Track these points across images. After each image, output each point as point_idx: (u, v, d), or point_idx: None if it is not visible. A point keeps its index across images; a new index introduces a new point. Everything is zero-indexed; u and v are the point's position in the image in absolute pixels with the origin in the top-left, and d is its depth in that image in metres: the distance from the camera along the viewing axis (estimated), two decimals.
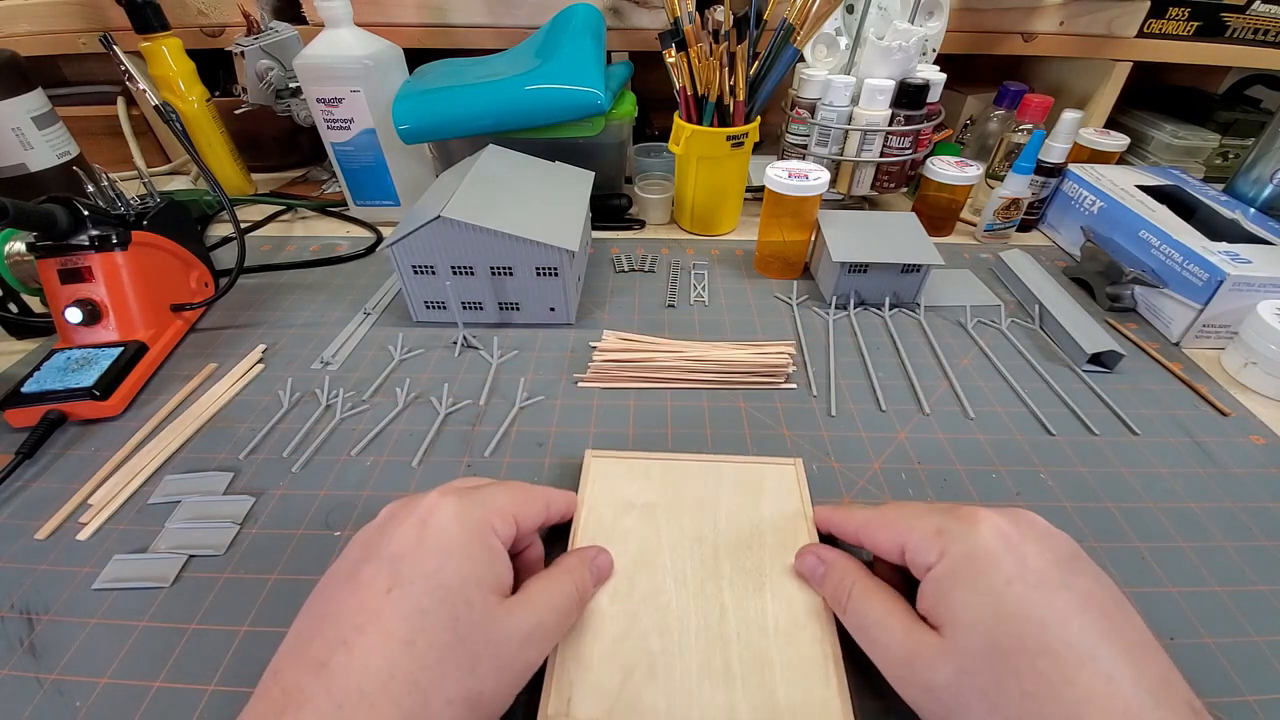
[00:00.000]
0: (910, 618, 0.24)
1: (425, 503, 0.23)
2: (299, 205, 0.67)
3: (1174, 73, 0.79)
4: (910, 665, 0.23)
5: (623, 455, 0.36)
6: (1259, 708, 0.26)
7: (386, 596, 0.21)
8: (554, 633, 0.25)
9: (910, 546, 0.25)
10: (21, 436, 0.37)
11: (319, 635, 0.20)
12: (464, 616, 0.21)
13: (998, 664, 0.20)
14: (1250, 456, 0.39)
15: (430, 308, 0.48)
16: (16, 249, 0.43)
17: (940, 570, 0.23)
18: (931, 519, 0.25)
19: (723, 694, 0.25)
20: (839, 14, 0.62)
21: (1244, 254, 0.47)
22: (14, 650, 0.28)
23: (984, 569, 0.22)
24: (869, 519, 0.28)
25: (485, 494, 0.25)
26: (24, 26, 0.67)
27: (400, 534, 0.22)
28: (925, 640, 0.22)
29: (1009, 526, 0.23)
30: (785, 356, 0.43)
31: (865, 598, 0.25)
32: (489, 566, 0.23)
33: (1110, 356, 0.45)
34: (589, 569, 0.28)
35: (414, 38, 0.67)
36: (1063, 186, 0.63)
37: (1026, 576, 0.22)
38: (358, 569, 0.22)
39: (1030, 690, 0.19)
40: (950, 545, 0.23)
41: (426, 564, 0.22)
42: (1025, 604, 0.21)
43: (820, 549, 0.29)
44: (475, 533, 0.23)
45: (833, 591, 0.27)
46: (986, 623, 0.21)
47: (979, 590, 0.22)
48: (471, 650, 0.21)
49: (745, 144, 0.57)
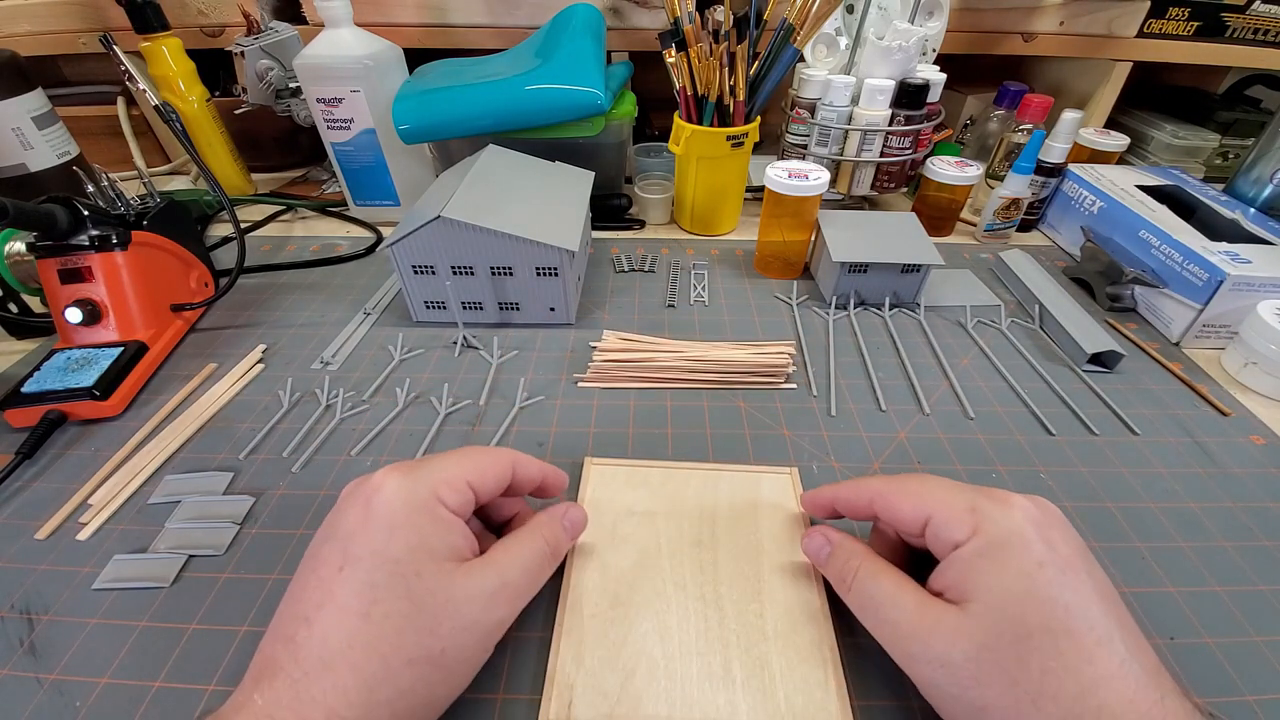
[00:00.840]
0: (922, 594, 0.24)
1: (372, 482, 0.24)
2: (299, 205, 0.67)
3: (1174, 73, 0.79)
4: (925, 641, 0.23)
5: (622, 463, 0.36)
6: (1259, 708, 0.26)
7: (339, 574, 0.22)
8: (522, 589, 0.25)
9: (938, 520, 0.24)
10: (21, 436, 0.37)
11: (288, 612, 0.22)
12: (415, 586, 0.22)
13: (1022, 641, 0.21)
14: (1250, 456, 0.39)
15: (430, 308, 0.48)
16: (16, 249, 0.43)
17: (971, 548, 0.23)
18: (962, 496, 0.25)
19: (723, 696, 0.25)
20: (839, 14, 0.62)
21: (1244, 254, 0.47)
22: (14, 650, 0.28)
23: (1017, 550, 0.22)
24: (886, 489, 0.27)
25: (432, 465, 0.25)
26: (24, 26, 0.67)
27: (351, 514, 0.24)
28: (943, 616, 0.22)
29: (1038, 513, 0.24)
30: (785, 356, 0.43)
31: (873, 575, 0.25)
32: (439, 537, 0.24)
33: (1110, 356, 0.45)
34: (560, 524, 0.28)
35: (414, 38, 0.67)
36: (1063, 186, 0.63)
37: (1056, 561, 0.22)
38: (318, 549, 0.24)
39: (1051, 667, 0.20)
40: (984, 524, 0.23)
41: (374, 541, 0.23)
42: (1054, 587, 0.22)
43: (826, 530, 0.29)
44: (421, 507, 0.24)
45: (839, 570, 0.27)
46: (1016, 601, 0.21)
47: (1010, 570, 0.22)
48: (429, 614, 0.22)
49: (745, 144, 0.57)
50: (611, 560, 0.30)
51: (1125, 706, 0.19)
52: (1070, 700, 0.20)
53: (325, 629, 0.21)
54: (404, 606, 0.22)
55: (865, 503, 0.28)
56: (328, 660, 0.21)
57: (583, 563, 0.30)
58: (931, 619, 0.23)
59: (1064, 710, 0.20)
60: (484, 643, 0.24)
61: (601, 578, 0.30)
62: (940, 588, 0.24)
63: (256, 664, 0.22)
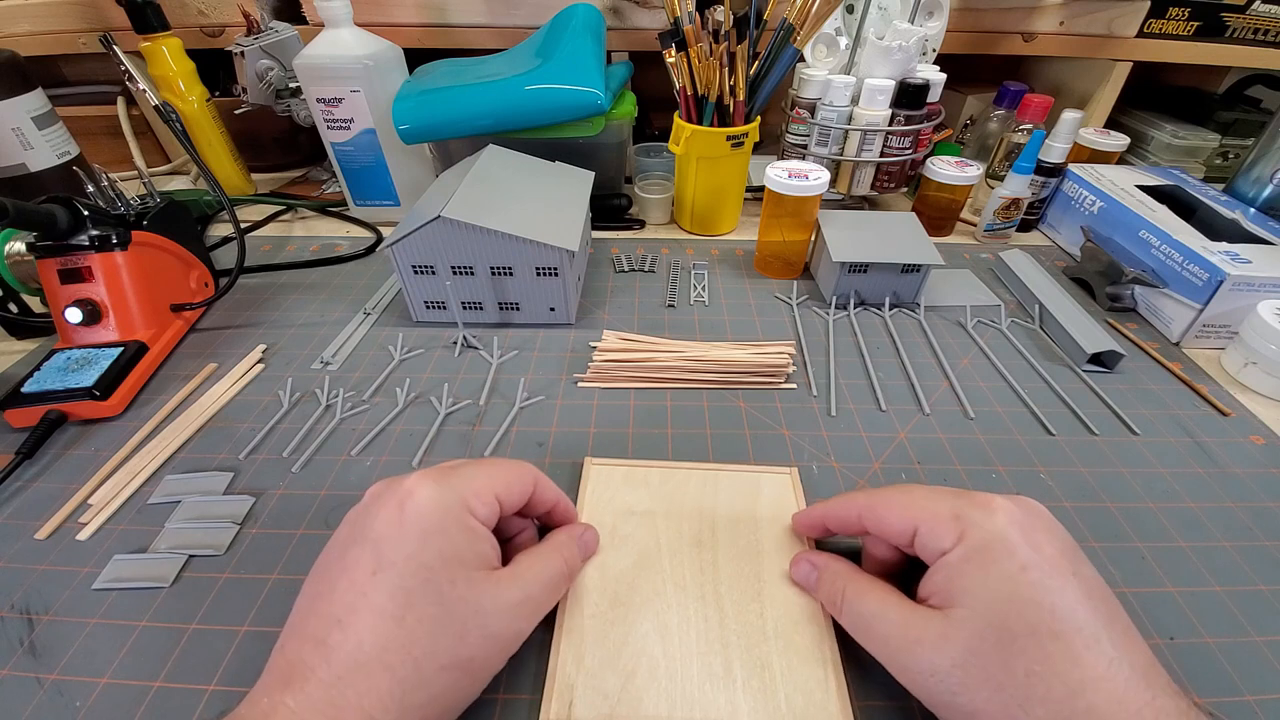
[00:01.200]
0: (908, 606, 0.24)
1: (405, 486, 0.24)
2: (299, 205, 0.67)
3: (1174, 73, 0.79)
4: (913, 652, 0.23)
5: (622, 463, 0.36)
6: (1259, 708, 0.26)
7: (372, 578, 0.22)
8: (542, 605, 0.26)
9: (924, 530, 0.25)
10: (21, 436, 0.37)
11: (315, 613, 0.22)
12: (448, 593, 0.22)
13: (1006, 645, 0.21)
14: (1250, 456, 0.39)
15: (430, 308, 0.48)
16: (16, 249, 0.43)
17: (956, 555, 0.23)
18: (946, 503, 0.25)
19: (724, 697, 0.25)
20: (839, 14, 0.62)
21: (1244, 254, 0.47)
22: (14, 650, 0.28)
23: (1000, 555, 0.23)
24: (872, 503, 0.27)
25: (463, 474, 0.25)
26: (24, 26, 0.67)
27: (382, 516, 0.23)
28: (929, 625, 0.23)
29: (1021, 515, 0.24)
30: (785, 356, 0.43)
31: (860, 595, 0.26)
32: (469, 545, 0.24)
33: (1110, 356, 0.45)
34: (576, 544, 0.29)
35: (414, 38, 0.67)
36: (1063, 186, 0.63)
37: (1041, 564, 0.22)
38: (346, 550, 0.23)
39: (1037, 670, 0.20)
40: (967, 530, 0.23)
41: (407, 546, 0.23)
42: (1039, 590, 0.22)
43: (812, 555, 0.29)
44: (453, 515, 0.24)
45: (827, 594, 0.27)
46: (1000, 606, 0.22)
47: (994, 575, 0.22)
48: (460, 621, 0.22)
49: (745, 144, 0.57)
50: (611, 560, 0.30)
51: (1115, 707, 0.19)
52: (1058, 703, 0.20)
53: (360, 632, 0.21)
54: (437, 612, 0.22)
55: (854, 518, 0.28)
56: (363, 663, 0.20)
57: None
58: (918, 629, 0.23)
59: (1052, 713, 0.20)
60: (505, 653, 0.24)
61: (601, 578, 0.30)
62: (927, 595, 0.24)
63: (281, 665, 0.21)
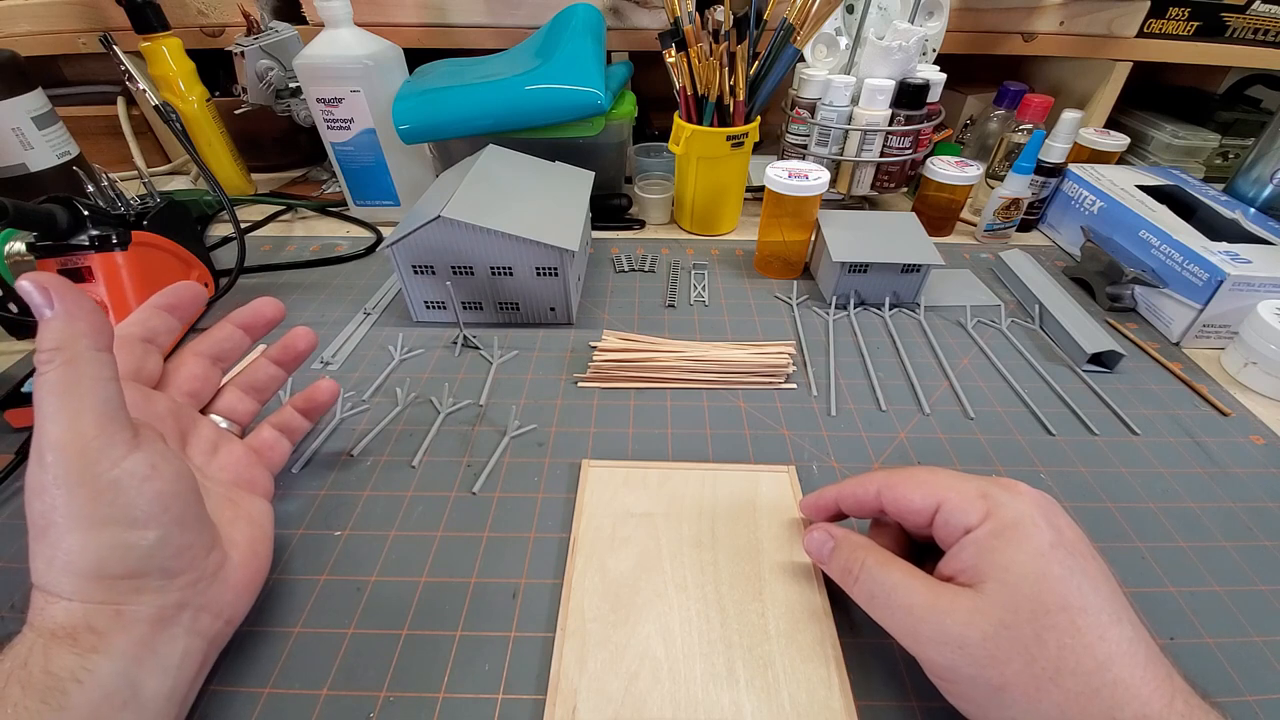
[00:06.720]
0: (932, 580, 0.24)
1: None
2: (299, 205, 0.67)
3: (1174, 73, 0.79)
4: (941, 624, 0.23)
5: (619, 464, 0.36)
6: (1259, 708, 0.26)
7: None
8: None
9: (948, 506, 0.25)
10: (22, 436, 0.37)
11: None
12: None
13: (1040, 619, 0.21)
14: (1250, 456, 0.39)
15: (430, 308, 0.48)
16: (16, 249, 0.43)
17: (984, 531, 0.24)
18: (972, 483, 0.25)
19: (727, 697, 0.25)
20: (839, 14, 0.62)
21: (1244, 254, 0.47)
22: None
23: (1030, 532, 0.23)
24: (892, 480, 0.27)
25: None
26: (24, 26, 0.67)
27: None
28: (958, 598, 0.23)
29: (1042, 500, 0.25)
30: (785, 356, 0.43)
31: (883, 565, 0.26)
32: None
33: (1110, 356, 0.45)
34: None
35: (414, 38, 0.67)
36: (1063, 186, 0.63)
37: (1065, 544, 0.23)
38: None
39: (1068, 644, 0.21)
40: (995, 509, 0.24)
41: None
42: (1066, 567, 0.22)
43: (828, 526, 0.29)
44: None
45: (844, 563, 0.27)
46: (1032, 581, 0.22)
47: (1025, 551, 0.23)
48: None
49: (745, 144, 0.57)
50: (612, 563, 0.30)
51: (1137, 682, 0.20)
52: (1088, 674, 0.20)
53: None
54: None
55: (872, 495, 0.28)
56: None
57: (583, 566, 0.30)
58: (946, 602, 0.23)
59: (1081, 684, 0.20)
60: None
61: (602, 580, 0.30)
62: (952, 572, 0.24)
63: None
